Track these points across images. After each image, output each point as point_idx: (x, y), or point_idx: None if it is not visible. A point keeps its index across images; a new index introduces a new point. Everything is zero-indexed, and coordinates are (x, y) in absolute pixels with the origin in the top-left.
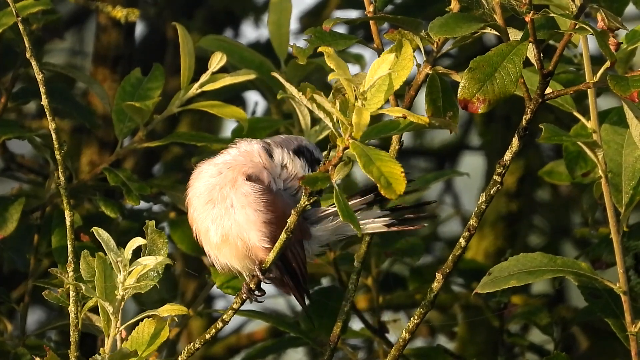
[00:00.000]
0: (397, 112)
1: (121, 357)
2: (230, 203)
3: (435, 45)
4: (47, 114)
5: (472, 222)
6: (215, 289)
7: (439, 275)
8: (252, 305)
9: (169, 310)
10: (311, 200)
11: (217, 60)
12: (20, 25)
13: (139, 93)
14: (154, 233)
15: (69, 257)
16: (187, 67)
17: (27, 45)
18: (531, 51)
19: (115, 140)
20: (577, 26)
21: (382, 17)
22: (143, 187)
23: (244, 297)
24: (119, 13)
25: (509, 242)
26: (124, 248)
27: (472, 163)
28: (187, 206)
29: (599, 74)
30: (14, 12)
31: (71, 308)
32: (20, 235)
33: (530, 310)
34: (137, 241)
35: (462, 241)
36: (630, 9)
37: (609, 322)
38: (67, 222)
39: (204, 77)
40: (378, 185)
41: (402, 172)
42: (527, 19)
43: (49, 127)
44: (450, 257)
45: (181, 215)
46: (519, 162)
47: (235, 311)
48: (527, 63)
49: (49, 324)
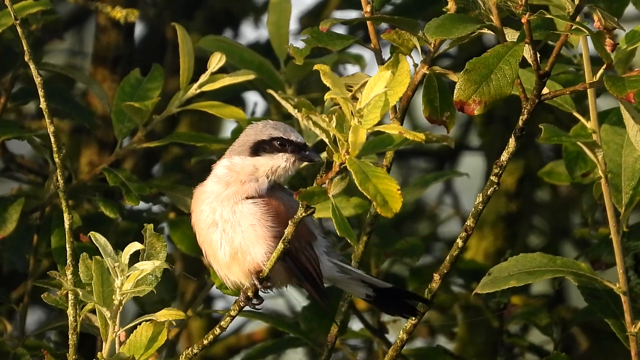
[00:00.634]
0: (393, 129)
1: None
2: (238, 223)
3: (432, 46)
4: (45, 116)
5: (469, 222)
6: (214, 289)
7: (436, 276)
8: (254, 310)
9: (167, 315)
10: (308, 212)
11: (217, 61)
12: (19, 28)
13: (138, 93)
14: (153, 237)
15: (68, 261)
16: (186, 67)
17: (25, 49)
18: (528, 52)
19: (115, 141)
20: (573, 27)
21: (379, 18)
22: (142, 187)
23: (241, 305)
24: (119, 14)
25: (508, 243)
26: (123, 248)
27: (471, 163)
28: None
29: (598, 74)
30: (12, 15)
31: (70, 311)
32: (19, 236)
33: (530, 310)
34: (134, 246)
35: (460, 241)
36: (630, 9)
37: (608, 323)
38: (66, 226)
39: (204, 78)
40: (374, 204)
41: (398, 190)
42: (524, 20)
43: (48, 130)
44: (448, 257)
45: (181, 215)
46: (518, 163)
47: (233, 318)
48: (525, 63)
49: (49, 324)
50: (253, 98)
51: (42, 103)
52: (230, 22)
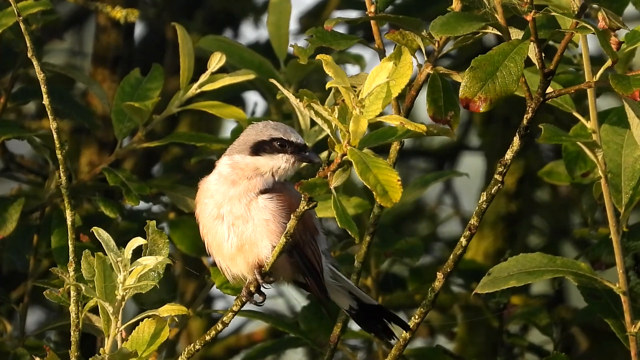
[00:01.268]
0: (394, 120)
1: (121, 358)
2: (252, 217)
3: (437, 45)
4: (48, 113)
5: (473, 221)
6: (214, 290)
7: (439, 275)
8: (251, 305)
9: (169, 310)
10: (310, 205)
11: (217, 61)
12: (22, 25)
13: (138, 93)
14: (155, 233)
15: (70, 257)
16: (186, 67)
17: (28, 45)
18: (532, 50)
19: (115, 141)
20: (579, 25)
21: (383, 17)
22: (142, 187)
23: (243, 300)
24: (119, 14)
25: (508, 243)
26: (123, 248)
27: (471, 164)
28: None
29: (598, 74)
30: (16, 11)
31: (72, 308)
32: (19, 236)
33: (529, 310)
34: (137, 241)
35: (463, 240)
36: (630, 9)
37: (608, 323)
38: (68, 222)
39: (204, 78)
40: (374, 193)
41: (398, 180)
42: (529, 18)
43: (50, 126)
44: (451, 256)
45: (181, 215)
46: (518, 163)
47: (236, 313)
48: (526, 63)
49: (49, 324)
50: (253, 98)
51: (45, 100)
52: (230, 22)
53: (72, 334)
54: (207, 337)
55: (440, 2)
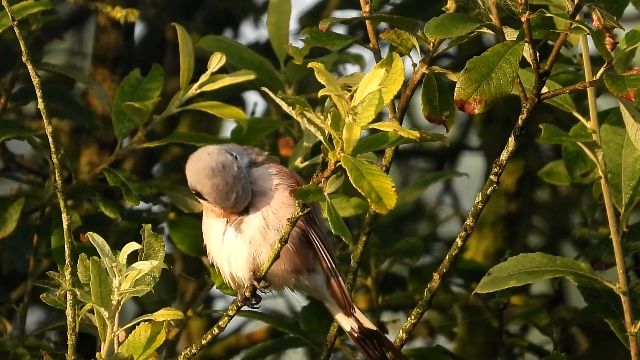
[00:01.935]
0: (387, 127)
1: None
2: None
3: (432, 45)
4: (43, 117)
5: (469, 221)
6: (214, 289)
7: (435, 275)
8: (252, 309)
9: (165, 314)
10: (304, 212)
11: (217, 61)
12: (16, 29)
13: (138, 93)
14: (151, 237)
15: (67, 261)
16: (186, 67)
17: (23, 49)
18: (527, 51)
19: (115, 141)
20: (573, 26)
21: (378, 17)
22: (142, 187)
23: (239, 305)
24: (118, 14)
25: (508, 243)
26: (119, 252)
27: (471, 164)
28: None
29: (598, 74)
30: (10, 16)
31: (68, 312)
32: (19, 236)
33: (529, 310)
34: (132, 246)
35: (459, 241)
36: (629, 9)
37: (608, 323)
38: (64, 226)
39: (204, 78)
40: (369, 200)
41: (392, 187)
42: (523, 19)
43: (46, 130)
44: (447, 256)
45: (181, 215)
46: (518, 163)
47: (231, 317)
48: (525, 63)
49: (49, 324)
50: (253, 98)
51: (40, 104)
52: (230, 22)
53: (68, 337)
54: (204, 341)
55: (438, 2)
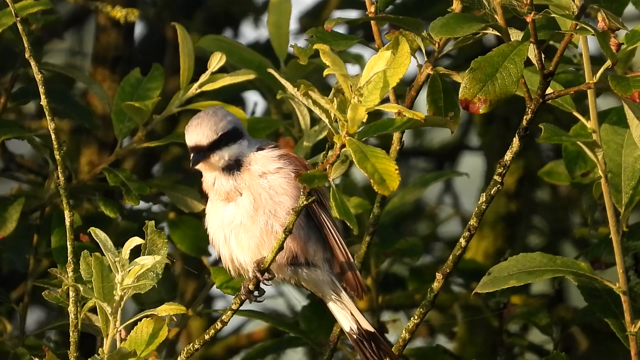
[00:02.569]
0: (392, 108)
1: (120, 357)
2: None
3: (437, 46)
4: (46, 114)
5: (473, 222)
6: (214, 289)
7: (439, 276)
8: (251, 305)
9: (168, 309)
10: (309, 200)
11: (217, 61)
12: (20, 26)
13: (138, 93)
14: (154, 233)
15: (69, 258)
16: (186, 67)
17: (26, 46)
18: (532, 51)
19: (115, 141)
20: (578, 27)
21: (383, 18)
22: (142, 187)
23: (242, 298)
24: (119, 13)
25: (508, 243)
26: (122, 249)
27: (471, 163)
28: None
29: (598, 74)
30: (13, 12)
31: (71, 308)
32: (19, 236)
33: (529, 310)
34: (134, 241)
35: (463, 241)
36: (629, 9)
37: (608, 322)
38: (67, 223)
39: (204, 77)
40: (372, 181)
41: (396, 170)
42: (528, 20)
43: (49, 127)
44: (451, 257)
45: (181, 215)
46: (518, 163)
47: (234, 312)
48: (527, 63)
49: (49, 324)
50: (253, 98)
51: (43, 100)
52: (230, 22)
53: (71, 334)
54: (207, 337)
55: (441, 2)
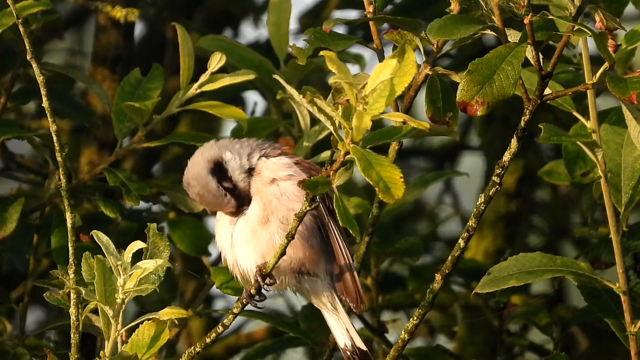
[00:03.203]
0: (398, 117)
1: None
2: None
3: (435, 46)
4: (48, 116)
5: (471, 222)
6: (214, 289)
7: (438, 276)
8: (251, 305)
9: (170, 313)
10: (312, 206)
11: (217, 61)
12: (21, 27)
13: (138, 93)
14: (156, 236)
15: (70, 260)
16: (186, 67)
17: (27, 47)
18: (530, 52)
19: (115, 141)
20: (576, 28)
21: (381, 18)
22: (142, 187)
23: (244, 302)
24: (118, 13)
25: (508, 242)
26: (123, 248)
27: (471, 163)
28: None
29: (598, 74)
30: (14, 13)
31: (72, 310)
32: (19, 235)
33: (529, 310)
34: (137, 244)
35: (461, 242)
36: (629, 9)
37: (608, 322)
38: (68, 225)
39: (204, 77)
40: (377, 190)
41: (401, 178)
42: (526, 21)
43: (50, 129)
44: (450, 257)
45: (180, 215)
46: (518, 162)
47: (236, 315)
48: (526, 63)
49: (49, 324)
50: (253, 98)
51: (45, 102)
52: (230, 21)
53: (72, 336)
54: (208, 340)
55: (438, 2)
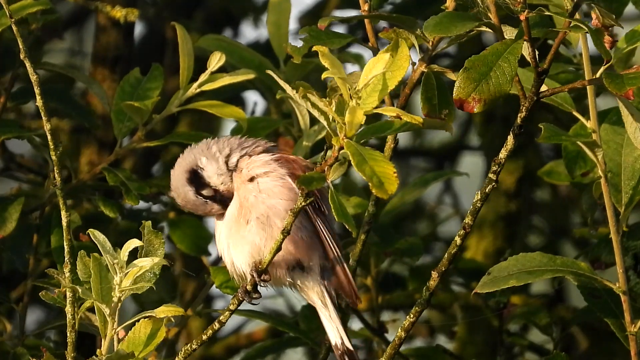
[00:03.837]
0: (391, 111)
1: (118, 359)
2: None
3: (431, 44)
4: (42, 114)
5: (468, 220)
6: (214, 289)
7: (434, 274)
8: (251, 305)
9: (166, 311)
10: (307, 201)
11: (216, 60)
12: (14, 27)
13: (138, 93)
14: (151, 234)
15: (66, 259)
16: (186, 67)
17: (21, 47)
18: (526, 50)
19: (115, 140)
20: (572, 24)
21: (376, 16)
22: (142, 186)
23: (240, 299)
24: (118, 13)
25: (508, 242)
26: (120, 250)
27: (471, 163)
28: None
29: (598, 73)
30: (8, 14)
31: (68, 309)
32: (19, 235)
33: (529, 310)
34: (133, 243)
35: (458, 239)
36: (629, 9)
37: (608, 322)
38: (64, 223)
39: (203, 77)
40: (370, 185)
41: (394, 173)
42: (522, 18)
43: (44, 127)
44: (446, 255)
45: (180, 215)
46: (518, 162)
47: (232, 312)
48: (524, 62)
49: (48, 323)
50: (253, 97)
51: (39, 101)
52: (229, 21)
53: (68, 335)
54: (204, 337)
55: (439, 1)
